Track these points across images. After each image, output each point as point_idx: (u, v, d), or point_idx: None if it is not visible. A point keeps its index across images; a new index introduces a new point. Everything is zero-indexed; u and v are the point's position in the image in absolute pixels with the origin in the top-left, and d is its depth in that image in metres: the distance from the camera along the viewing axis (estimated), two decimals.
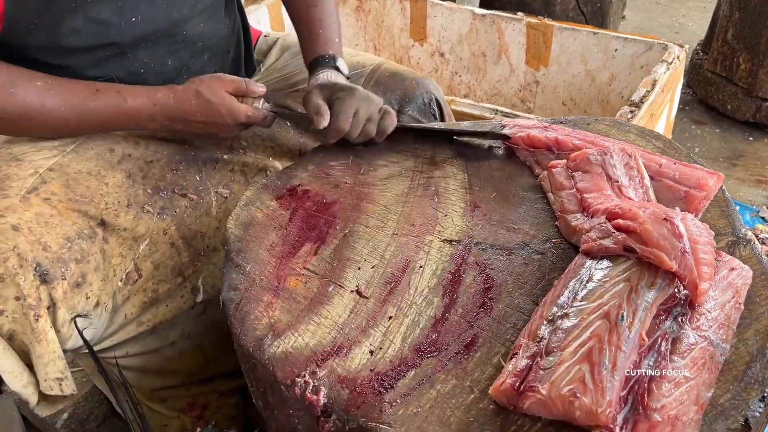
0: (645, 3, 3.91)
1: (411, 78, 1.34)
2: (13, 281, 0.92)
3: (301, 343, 0.80)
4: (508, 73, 2.26)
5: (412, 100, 1.32)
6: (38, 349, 0.96)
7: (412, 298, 0.86)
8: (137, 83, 1.12)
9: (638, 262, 0.78)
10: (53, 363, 0.98)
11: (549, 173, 1.02)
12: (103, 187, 1.08)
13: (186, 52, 1.19)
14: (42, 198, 1.00)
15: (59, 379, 0.99)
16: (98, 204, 1.06)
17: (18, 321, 0.94)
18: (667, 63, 1.76)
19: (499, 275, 0.88)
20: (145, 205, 1.10)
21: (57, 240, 0.97)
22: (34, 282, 0.94)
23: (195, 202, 1.16)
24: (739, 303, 0.80)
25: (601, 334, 0.71)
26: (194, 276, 1.18)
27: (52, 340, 0.97)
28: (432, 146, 1.16)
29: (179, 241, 1.14)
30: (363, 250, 0.94)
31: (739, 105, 2.54)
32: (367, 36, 2.52)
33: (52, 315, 0.97)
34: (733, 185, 2.24)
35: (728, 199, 0.99)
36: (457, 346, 0.79)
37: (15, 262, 0.92)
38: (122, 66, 1.12)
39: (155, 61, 1.15)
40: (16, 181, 1.01)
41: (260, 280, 0.89)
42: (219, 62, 1.28)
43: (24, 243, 0.94)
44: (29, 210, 0.98)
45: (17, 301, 0.93)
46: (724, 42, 2.55)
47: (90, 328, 1.06)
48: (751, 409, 0.71)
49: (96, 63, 1.09)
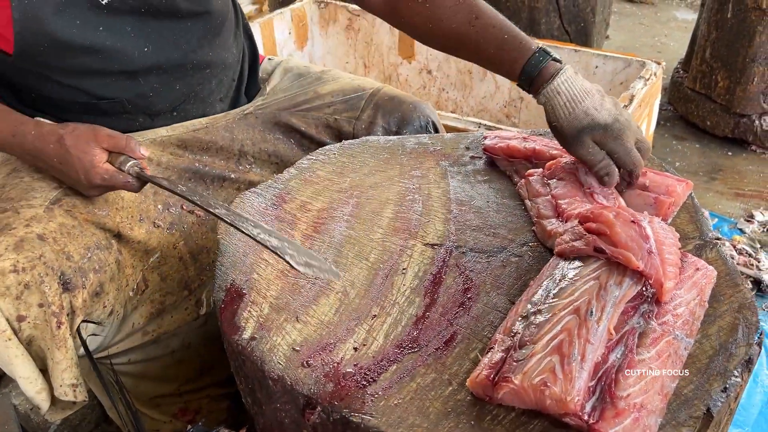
0: (628, 23, 4.01)
1: (409, 102, 1.39)
2: (39, 289, 0.94)
3: (289, 340, 0.84)
4: (493, 89, 2.32)
5: (410, 122, 1.37)
6: (57, 355, 0.98)
7: (395, 298, 0.90)
8: (146, 106, 1.16)
9: (608, 262, 0.83)
10: (70, 369, 1.00)
11: (526, 181, 1.07)
12: (119, 201, 1.11)
13: (194, 78, 1.21)
14: (65, 209, 1.03)
15: (74, 386, 1.01)
16: (114, 217, 1.09)
17: (39, 327, 0.96)
18: (644, 79, 1.82)
19: (478, 276, 0.93)
20: (156, 220, 1.14)
21: (78, 250, 1.00)
22: (58, 290, 0.96)
23: (202, 219, 1.19)
24: (703, 301, 0.84)
25: (571, 328, 0.75)
26: (199, 290, 1.21)
27: (70, 347, 0.99)
28: (416, 157, 1.20)
29: (187, 255, 1.17)
30: (349, 253, 0.98)
31: (718, 121, 2.61)
32: (357, 54, 2.58)
33: (70, 322, 0.99)
34: (712, 198, 2.30)
35: (697, 206, 1.04)
36: (437, 342, 0.83)
37: (41, 271, 0.95)
38: (133, 89, 1.14)
39: (164, 86, 1.17)
40: (40, 193, 1.04)
41: (249, 281, 0.93)
42: (226, 87, 1.30)
43: (49, 252, 0.96)
44: (53, 221, 1.00)
45: (41, 308, 0.95)
46: (702, 60, 2.63)
47: (100, 335, 1.09)
48: (714, 399, 0.75)
49: (106, 85, 1.11)
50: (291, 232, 1.03)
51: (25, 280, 0.93)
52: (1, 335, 0.94)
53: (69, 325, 0.99)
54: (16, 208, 1.00)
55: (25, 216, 0.99)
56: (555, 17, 3.09)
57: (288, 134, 1.36)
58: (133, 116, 1.18)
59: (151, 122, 1.21)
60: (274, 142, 1.34)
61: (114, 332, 1.12)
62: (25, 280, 0.93)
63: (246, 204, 1.09)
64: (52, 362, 0.99)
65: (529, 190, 1.06)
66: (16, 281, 0.93)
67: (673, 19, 4.08)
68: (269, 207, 1.09)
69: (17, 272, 0.93)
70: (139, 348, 1.18)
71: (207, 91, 1.25)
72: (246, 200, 1.10)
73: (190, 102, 1.22)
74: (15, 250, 0.94)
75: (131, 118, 1.18)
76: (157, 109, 1.20)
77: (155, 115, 1.20)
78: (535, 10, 3.07)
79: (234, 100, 1.36)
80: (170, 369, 1.25)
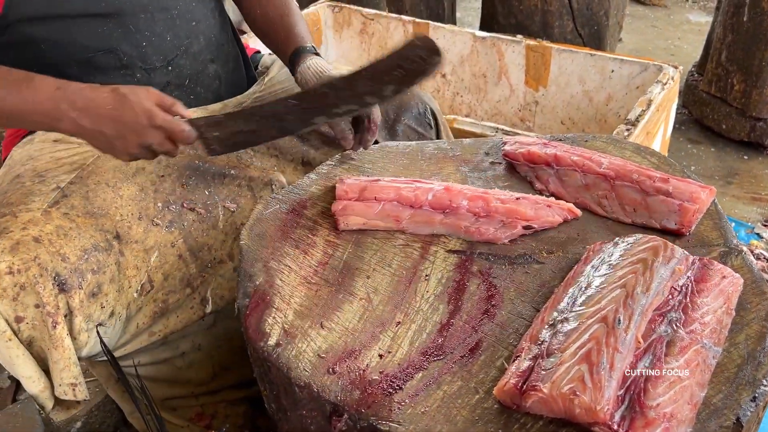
0: (641, 26, 4.00)
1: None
2: (34, 290, 0.96)
3: (314, 346, 0.84)
4: (508, 93, 2.31)
5: (408, 109, 1.38)
6: (55, 355, 1.00)
7: (418, 305, 0.90)
8: (140, 57, 1.19)
9: (634, 269, 0.82)
10: (68, 369, 1.02)
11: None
12: (117, 200, 1.12)
13: (182, 30, 1.25)
14: (62, 212, 1.05)
15: (73, 385, 1.02)
16: (113, 216, 1.10)
17: (37, 328, 0.98)
18: (661, 83, 1.81)
19: (502, 283, 0.93)
20: (155, 218, 1.14)
21: (75, 252, 1.02)
22: (53, 291, 0.98)
23: (203, 216, 1.20)
24: (730, 309, 0.84)
25: (599, 336, 0.75)
26: (202, 287, 1.21)
27: (68, 346, 1.01)
28: (436, 162, 1.20)
29: (186, 253, 1.17)
30: (371, 260, 0.98)
31: (733, 125, 2.59)
32: (370, 57, 2.59)
33: (69, 323, 1.01)
34: (728, 203, 2.29)
35: (720, 212, 1.04)
36: (462, 350, 0.83)
37: (36, 272, 0.97)
38: (125, 38, 1.16)
39: (155, 34, 1.20)
40: (38, 196, 1.06)
41: (273, 289, 0.93)
42: (215, 50, 1.34)
43: (44, 254, 0.98)
44: (50, 223, 1.02)
45: (37, 308, 0.97)
46: (718, 63, 2.62)
47: (105, 337, 1.09)
48: (743, 409, 0.74)
49: (98, 34, 1.13)
50: (313, 238, 1.03)
51: (21, 282, 0.96)
52: (1, 336, 0.96)
53: (68, 326, 1.01)
54: (14, 213, 1.02)
55: (23, 219, 1.01)
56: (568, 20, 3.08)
57: None
58: (131, 71, 1.20)
59: (149, 78, 1.22)
60: None
61: (118, 334, 1.12)
62: (20, 282, 0.96)
63: (268, 210, 1.09)
64: (51, 362, 1.01)
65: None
66: (12, 283, 0.95)
67: (686, 22, 4.06)
68: (291, 212, 1.09)
69: (12, 274, 0.95)
70: (146, 350, 1.19)
71: (197, 48, 1.29)
72: (269, 206, 1.10)
73: (182, 57, 1.25)
74: (11, 252, 0.96)
75: (128, 73, 1.20)
76: (152, 62, 1.21)
77: (151, 69, 1.22)
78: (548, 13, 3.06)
79: (229, 79, 1.39)
80: (182, 371, 1.26)
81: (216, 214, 1.22)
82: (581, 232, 1.02)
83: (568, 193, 1.10)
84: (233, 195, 1.25)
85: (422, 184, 1.05)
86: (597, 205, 1.07)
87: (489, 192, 1.04)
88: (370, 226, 1.03)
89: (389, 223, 1.03)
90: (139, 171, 1.18)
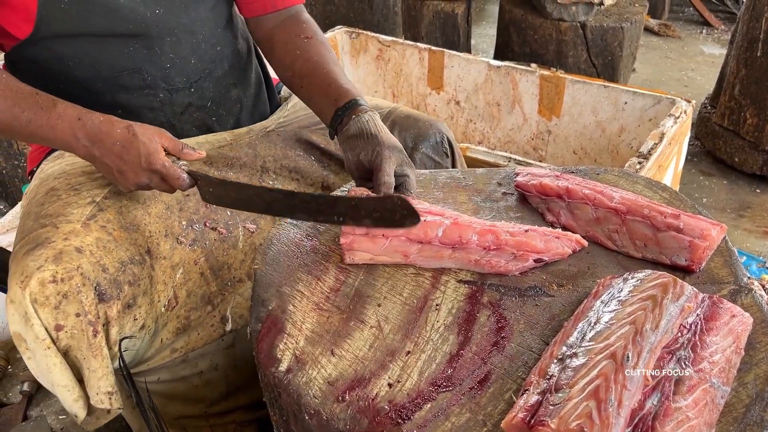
0: (655, 56, 4.03)
1: (425, 120, 1.44)
2: (76, 298, 0.99)
3: (324, 374, 0.85)
4: (521, 122, 2.34)
5: (426, 138, 1.41)
6: (93, 364, 1.02)
7: (428, 334, 0.91)
8: (164, 78, 1.22)
9: (643, 306, 0.83)
10: (106, 377, 1.04)
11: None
12: (146, 216, 1.15)
13: (207, 54, 1.28)
14: (99, 225, 1.08)
15: (110, 393, 1.05)
16: (144, 231, 1.14)
17: (75, 336, 1.00)
18: (674, 117, 1.83)
19: (512, 315, 0.93)
20: (179, 236, 1.17)
21: (113, 263, 1.05)
22: (94, 300, 1.01)
23: (224, 236, 1.22)
24: (739, 348, 0.84)
25: (607, 373, 0.75)
26: (222, 305, 1.24)
27: (105, 355, 1.03)
28: (449, 191, 1.22)
29: (208, 271, 1.20)
30: (383, 287, 0.99)
31: (746, 158, 2.60)
32: (386, 83, 2.62)
33: (106, 332, 1.04)
34: (740, 236, 2.28)
35: (731, 249, 1.04)
36: (471, 381, 0.84)
37: (79, 281, 0.99)
38: (150, 59, 1.20)
39: (179, 57, 1.24)
40: (77, 209, 1.09)
41: (285, 314, 0.95)
42: (238, 75, 1.37)
43: (86, 264, 1.01)
44: (90, 235, 1.05)
45: (77, 317, 0.99)
46: (731, 97, 2.63)
47: (132, 349, 1.11)
48: None
49: (124, 52, 1.17)
50: (326, 264, 1.05)
51: (64, 290, 0.98)
52: (41, 344, 0.98)
53: (104, 335, 1.03)
54: (54, 224, 1.05)
55: (64, 230, 1.04)
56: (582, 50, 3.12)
57: (308, 151, 1.40)
58: (153, 91, 1.23)
59: (171, 98, 1.26)
60: (294, 159, 1.38)
61: (146, 348, 1.15)
62: (63, 290, 0.98)
63: (282, 235, 1.11)
64: (89, 371, 1.02)
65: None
66: (55, 291, 0.97)
67: (700, 53, 4.08)
68: (305, 238, 1.11)
69: (56, 282, 0.97)
70: (168, 367, 1.21)
71: (221, 72, 1.32)
72: (282, 231, 1.12)
73: (205, 80, 1.29)
74: (54, 261, 0.98)
75: (151, 93, 1.23)
76: (175, 83, 1.25)
77: (174, 90, 1.26)
78: (563, 42, 3.10)
79: (250, 103, 1.42)
80: (198, 390, 1.27)
81: (236, 234, 1.24)
82: (591, 266, 1.03)
83: (579, 226, 1.11)
84: (254, 216, 1.28)
85: (431, 216, 1.04)
86: (607, 239, 1.08)
87: (497, 225, 1.04)
88: (377, 261, 1.03)
89: (397, 258, 1.02)
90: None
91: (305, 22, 1.33)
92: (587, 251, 1.07)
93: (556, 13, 3.03)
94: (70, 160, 1.22)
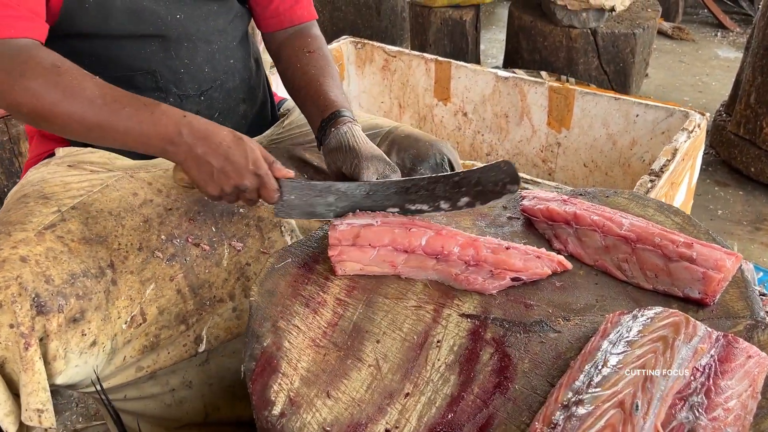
0: (668, 61, 3.96)
1: (425, 140, 1.40)
2: (10, 309, 0.96)
3: (319, 418, 0.82)
4: (530, 134, 2.29)
5: (425, 159, 1.37)
6: (23, 378, 0.98)
7: (429, 374, 0.87)
8: (175, 82, 1.24)
9: (653, 348, 0.79)
10: (36, 393, 0.99)
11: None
12: (119, 229, 1.13)
13: (220, 65, 1.29)
14: (56, 235, 1.06)
15: (39, 411, 1.00)
16: (111, 244, 1.10)
17: (10, 349, 0.97)
18: (687, 131, 1.78)
19: (516, 353, 0.89)
20: (156, 251, 1.14)
21: (61, 275, 1.02)
22: (30, 312, 0.98)
23: (207, 252, 1.19)
24: (755, 392, 0.79)
25: (615, 424, 0.71)
26: (198, 325, 1.20)
27: (38, 370, 0.99)
28: (453, 216, 1.18)
29: (186, 288, 1.16)
30: (382, 322, 0.96)
31: (762, 168, 2.53)
32: (392, 94, 2.59)
33: (44, 347, 1.00)
34: (756, 250, 2.22)
35: (747, 280, 1.00)
36: (472, 426, 0.80)
37: (15, 290, 0.97)
38: (165, 62, 1.22)
39: (194, 63, 1.25)
40: (37, 217, 1.07)
41: (280, 352, 0.92)
42: (247, 91, 1.38)
43: (28, 273, 0.98)
44: (41, 245, 1.03)
45: (11, 328, 0.96)
46: (747, 105, 2.57)
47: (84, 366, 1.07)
48: None
49: (141, 52, 1.19)
50: (324, 296, 1.01)
51: None
52: None
53: (42, 349, 0.99)
54: (9, 231, 1.03)
55: (16, 239, 1.02)
56: (593, 57, 3.06)
57: (302, 169, 1.37)
58: (165, 95, 1.24)
59: (181, 104, 1.25)
60: None
61: (102, 365, 1.10)
62: None
63: (280, 264, 1.08)
64: (21, 385, 0.99)
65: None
66: None
67: (715, 57, 4.01)
68: (302, 267, 1.07)
69: None
70: (134, 384, 1.17)
71: (232, 85, 1.33)
72: (281, 260, 1.09)
73: (216, 90, 1.30)
74: None
75: (162, 96, 1.23)
76: (186, 89, 1.26)
77: (185, 96, 1.26)
78: (573, 50, 3.05)
79: (255, 119, 1.42)
80: (171, 409, 1.23)
81: (221, 252, 1.21)
82: (600, 299, 0.99)
83: (588, 254, 1.07)
84: (241, 234, 1.24)
85: (416, 228, 1.04)
86: (617, 269, 1.03)
87: (480, 239, 1.03)
88: (367, 271, 1.04)
89: (385, 268, 1.04)
90: (146, 203, 1.18)
91: (311, 37, 1.36)
92: (595, 282, 1.02)
93: (566, 20, 2.98)
94: (53, 168, 1.20)
